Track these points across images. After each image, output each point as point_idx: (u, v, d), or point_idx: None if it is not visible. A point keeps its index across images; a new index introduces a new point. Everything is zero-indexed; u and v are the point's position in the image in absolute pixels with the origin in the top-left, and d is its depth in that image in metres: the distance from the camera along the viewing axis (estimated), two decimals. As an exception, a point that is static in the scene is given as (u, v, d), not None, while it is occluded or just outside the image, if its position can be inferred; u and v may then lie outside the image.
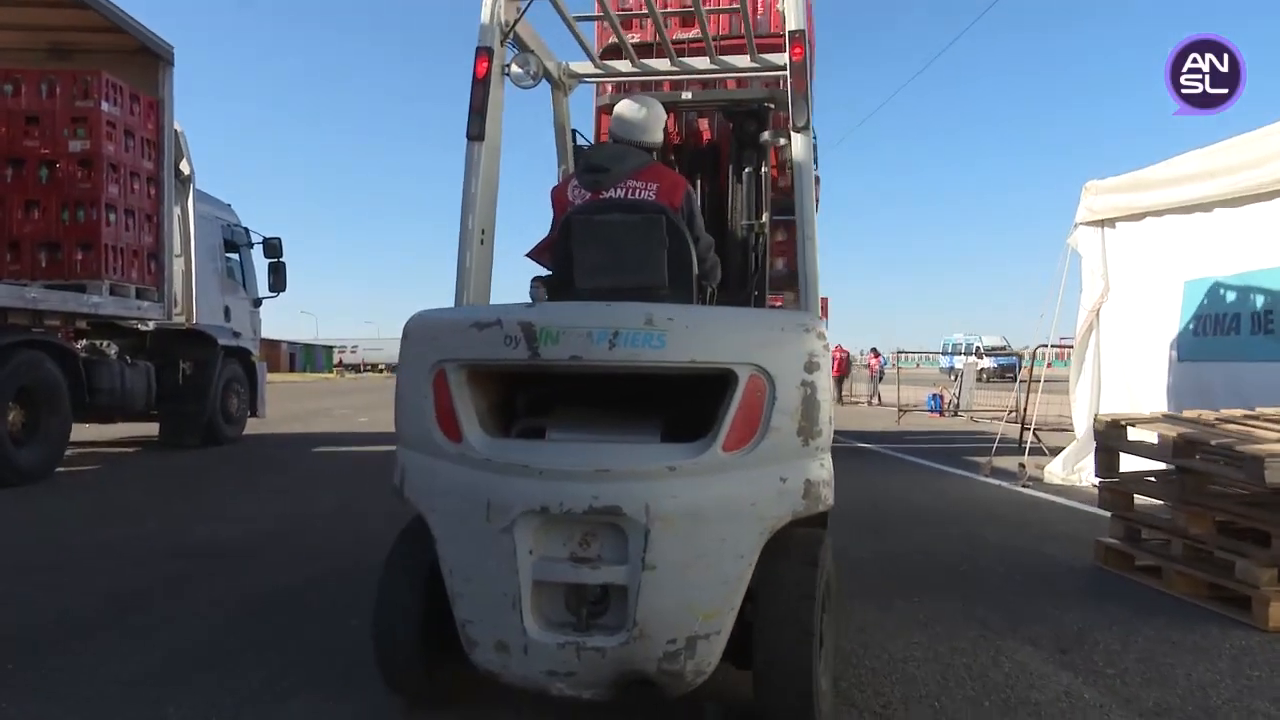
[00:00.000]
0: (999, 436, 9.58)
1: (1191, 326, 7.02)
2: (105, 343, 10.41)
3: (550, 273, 3.15)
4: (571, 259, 2.93)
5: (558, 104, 4.07)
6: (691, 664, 2.23)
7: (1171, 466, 4.40)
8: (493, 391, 2.55)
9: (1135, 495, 4.70)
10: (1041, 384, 9.94)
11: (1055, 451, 8.65)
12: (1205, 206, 6.81)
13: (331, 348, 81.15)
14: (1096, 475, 4.89)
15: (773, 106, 4.31)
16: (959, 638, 3.51)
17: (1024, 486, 7.99)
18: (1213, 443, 3.95)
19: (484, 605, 2.31)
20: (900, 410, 18.03)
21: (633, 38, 5.04)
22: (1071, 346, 8.64)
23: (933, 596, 4.12)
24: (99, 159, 8.40)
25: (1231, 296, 6.63)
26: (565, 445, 2.38)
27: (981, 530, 5.87)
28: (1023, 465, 8.32)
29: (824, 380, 2.33)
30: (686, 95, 4.40)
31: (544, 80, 3.66)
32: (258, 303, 12.51)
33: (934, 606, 3.94)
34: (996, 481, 8.34)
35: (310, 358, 77.15)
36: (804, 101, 2.96)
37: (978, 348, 37.32)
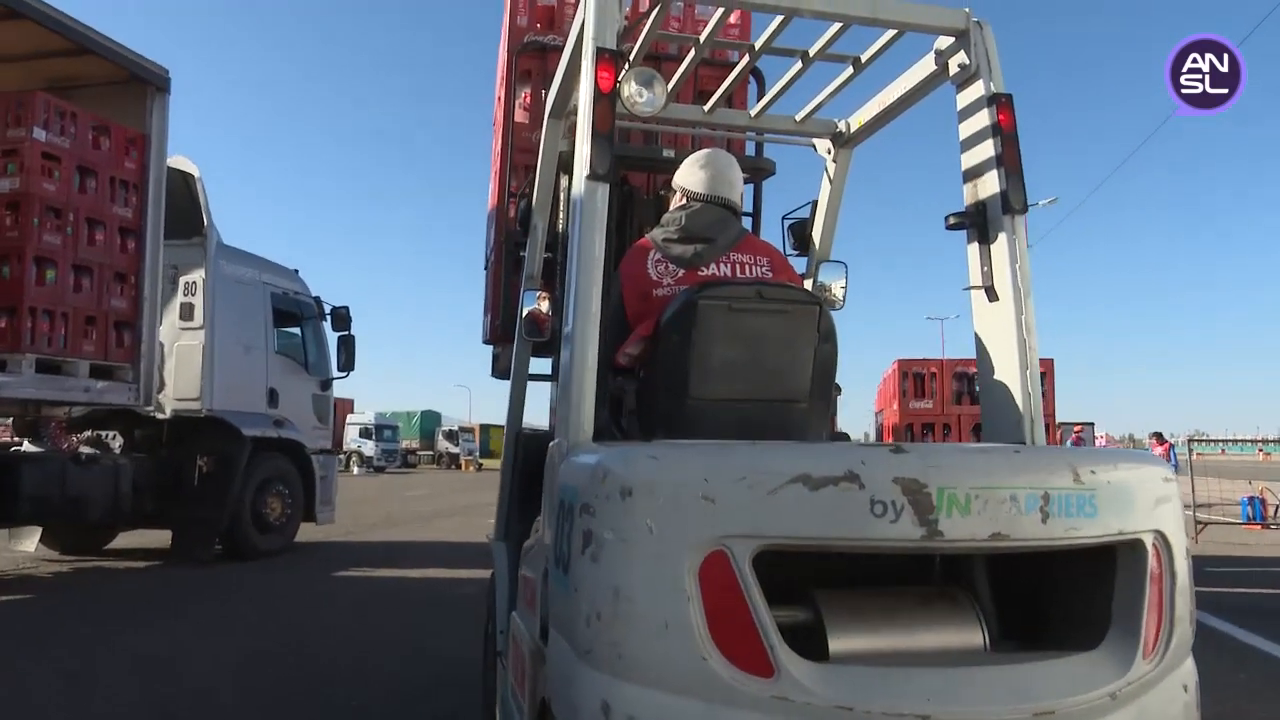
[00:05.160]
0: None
1: None
2: (110, 434, 8.76)
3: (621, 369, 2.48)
4: (686, 356, 2.29)
5: (551, 138, 3.10)
6: None
7: None
8: None
9: None
10: None
11: None
12: None
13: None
14: None
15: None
16: None
17: None
18: None
19: None
20: (1198, 522, 12.69)
21: None
22: None
23: None
24: (29, 200, 6.63)
25: None
26: (974, 673, 1.69)
27: None
28: None
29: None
30: (669, 153, 3.61)
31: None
32: (327, 384, 10.54)
33: None
34: None
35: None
36: (1020, 177, 2.38)
37: None
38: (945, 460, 1.70)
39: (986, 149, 2.44)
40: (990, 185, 2.44)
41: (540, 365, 3.55)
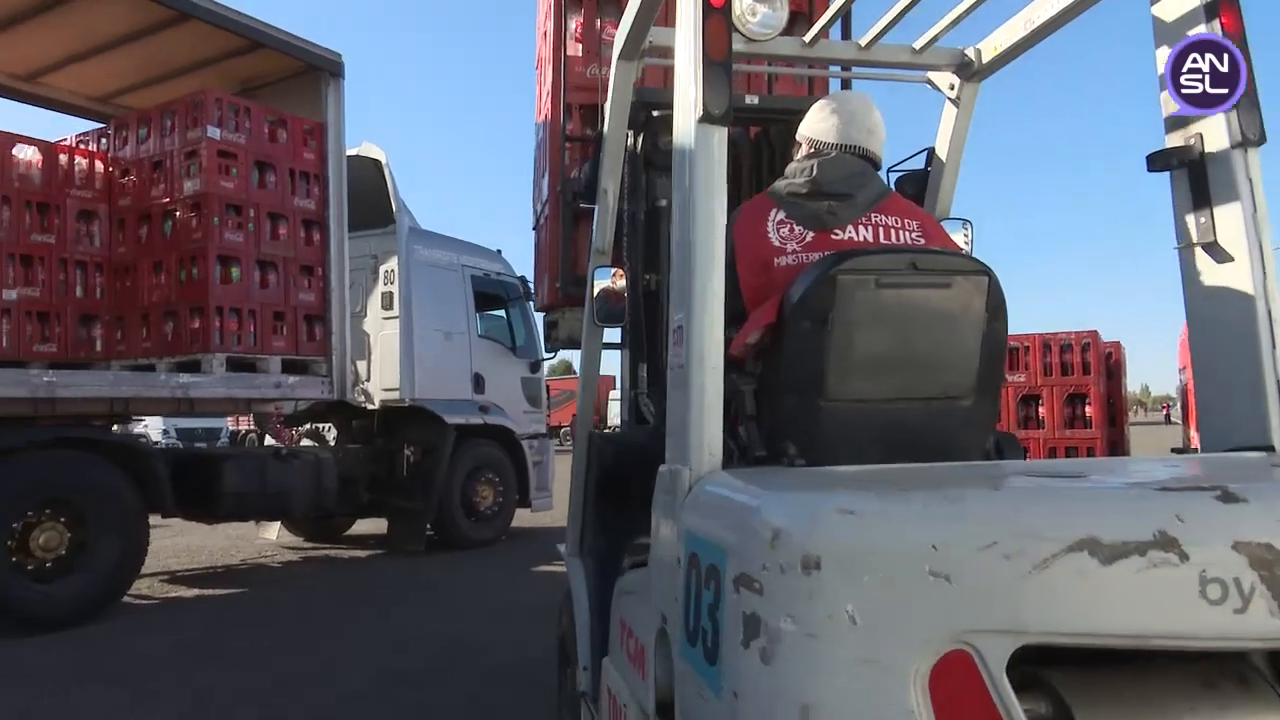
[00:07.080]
0: None
1: None
2: (326, 426, 8.94)
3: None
4: (822, 347, 1.93)
5: (622, 85, 2.66)
6: None
7: None
8: None
9: None
10: None
11: None
12: None
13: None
14: None
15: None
16: None
17: None
18: None
19: None
20: None
21: None
22: None
23: None
24: (208, 199, 6.65)
25: None
26: None
27: None
28: None
29: None
30: (752, 99, 3.35)
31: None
32: (536, 366, 10.17)
33: None
34: None
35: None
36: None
37: None
38: None
39: None
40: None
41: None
